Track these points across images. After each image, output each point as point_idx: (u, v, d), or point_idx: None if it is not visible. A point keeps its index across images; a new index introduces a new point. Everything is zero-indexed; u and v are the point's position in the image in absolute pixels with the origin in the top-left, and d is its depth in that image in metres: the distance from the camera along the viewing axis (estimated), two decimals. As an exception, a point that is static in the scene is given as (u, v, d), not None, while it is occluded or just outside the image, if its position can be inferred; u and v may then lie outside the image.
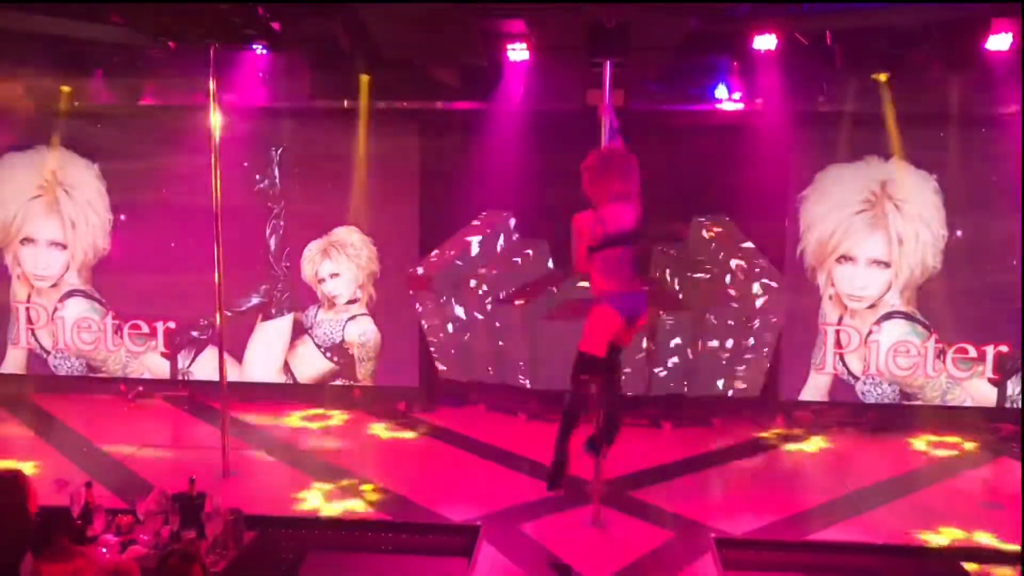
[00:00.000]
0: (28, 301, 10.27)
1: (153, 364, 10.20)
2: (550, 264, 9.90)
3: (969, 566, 6.11)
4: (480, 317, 9.70)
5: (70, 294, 10.22)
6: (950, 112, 8.79)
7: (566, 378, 5.95)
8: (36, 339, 10.31)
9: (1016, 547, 6.45)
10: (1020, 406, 9.15)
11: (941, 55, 8.19)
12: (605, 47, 6.96)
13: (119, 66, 9.06)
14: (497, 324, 9.65)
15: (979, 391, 9.30)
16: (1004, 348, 9.16)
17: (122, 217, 10.03)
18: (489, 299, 9.69)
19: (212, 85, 7.48)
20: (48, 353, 10.32)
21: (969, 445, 8.85)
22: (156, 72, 9.10)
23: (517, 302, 9.65)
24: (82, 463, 7.89)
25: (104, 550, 5.29)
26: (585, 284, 6.98)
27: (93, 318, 10.20)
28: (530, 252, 9.91)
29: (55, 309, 10.24)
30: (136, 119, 9.61)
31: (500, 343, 9.64)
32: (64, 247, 10.16)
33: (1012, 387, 9.21)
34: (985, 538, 6.70)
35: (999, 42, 7.79)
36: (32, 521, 4.69)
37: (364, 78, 9.10)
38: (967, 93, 8.63)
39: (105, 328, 10.19)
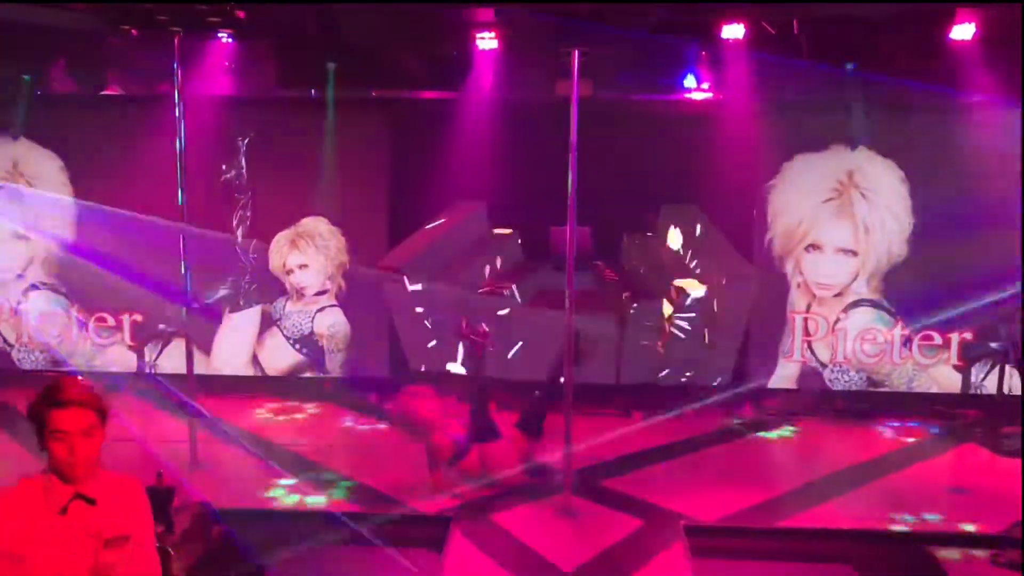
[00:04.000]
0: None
1: (120, 357, 10.08)
2: (521, 254, 9.90)
3: (935, 550, 6.20)
4: (451, 308, 9.67)
5: (34, 287, 10.07)
6: (915, 102, 8.87)
7: (538, 368, 6.04)
8: (-1, 333, 10.17)
9: (973, 529, 6.57)
10: (985, 392, 9.27)
11: (906, 45, 8.26)
12: (573, 36, 6.94)
13: (82, 55, 8.92)
14: (467, 314, 9.61)
15: (944, 378, 9.42)
16: (968, 335, 9.28)
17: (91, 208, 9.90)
18: (460, 289, 9.67)
19: (177, 74, 7.38)
20: (11, 347, 10.16)
21: (935, 431, 8.96)
22: (120, 61, 8.97)
23: (488, 292, 9.64)
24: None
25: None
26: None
27: (57, 311, 10.06)
28: (501, 241, 9.89)
29: (18, 302, 10.08)
30: (100, 109, 9.46)
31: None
32: (28, 240, 9.99)
33: (976, 373, 9.34)
34: (950, 522, 6.78)
35: (963, 32, 7.88)
36: None
37: (332, 66, 9.02)
38: (932, 83, 8.71)
39: (70, 321, 10.06)
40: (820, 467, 7.95)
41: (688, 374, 9.56)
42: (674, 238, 9.70)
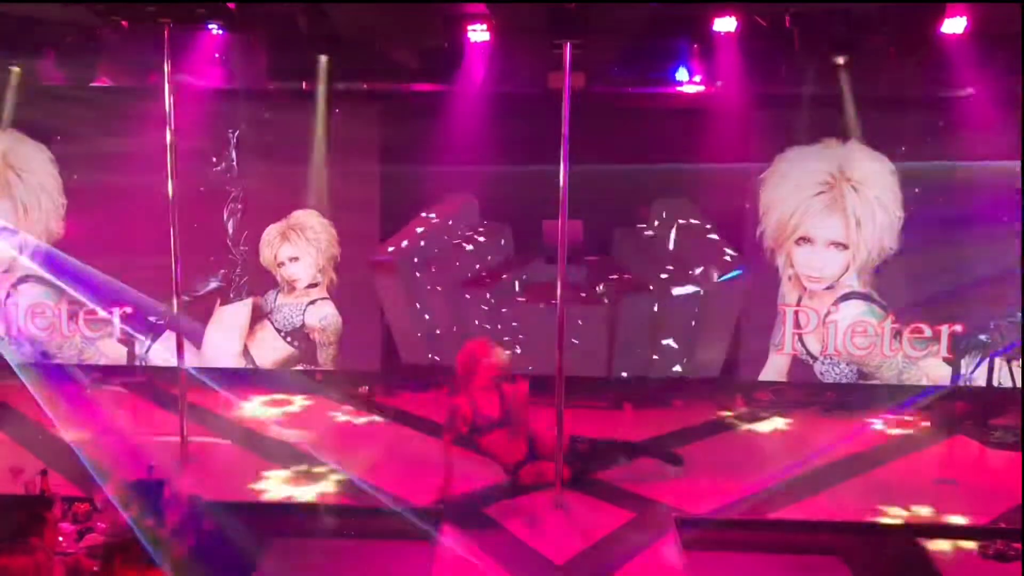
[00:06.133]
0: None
1: (110, 350, 10.04)
2: (512, 247, 9.89)
3: (924, 541, 6.24)
4: (443, 301, 9.67)
5: (23, 279, 10.02)
6: (906, 95, 8.90)
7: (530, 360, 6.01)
8: (-11, 326, 10.12)
9: (963, 521, 6.61)
10: (975, 385, 9.31)
11: (897, 39, 8.28)
12: (565, 29, 6.94)
13: (71, 46, 8.87)
14: (460, 308, 9.62)
15: (934, 370, 9.45)
16: (958, 328, 9.31)
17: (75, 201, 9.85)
18: (452, 283, 9.67)
19: (167, 66, 7.34)
20: (1, 340, 10.11)
21: (924, 423, 9.00)
22: (110, 52, 8.92)
23: (480, 286, 9.63)
24: (38, 451, 7.74)
25: (61, 539, 5.22)
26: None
27: (47, 304, 10.02)
28: (493, 235, 9.88)
29: (8, 295, 10.03)
30: (89, 100, 9.40)
31: (463, 327, 9.62)
32: (16, 232, 9.94)
33: (965, 366, 9.37)
34: (940, 514, 6.82)
35: (953, 26, 7.90)
36: None
37: (323, 59, 9.00)
38: (923, 76, 8.74)
39: (60, 314, 10.02)
40: (810, 459, 7.97)
41: (679, 367, 9.57)
42: (665, 230, 9.69)
